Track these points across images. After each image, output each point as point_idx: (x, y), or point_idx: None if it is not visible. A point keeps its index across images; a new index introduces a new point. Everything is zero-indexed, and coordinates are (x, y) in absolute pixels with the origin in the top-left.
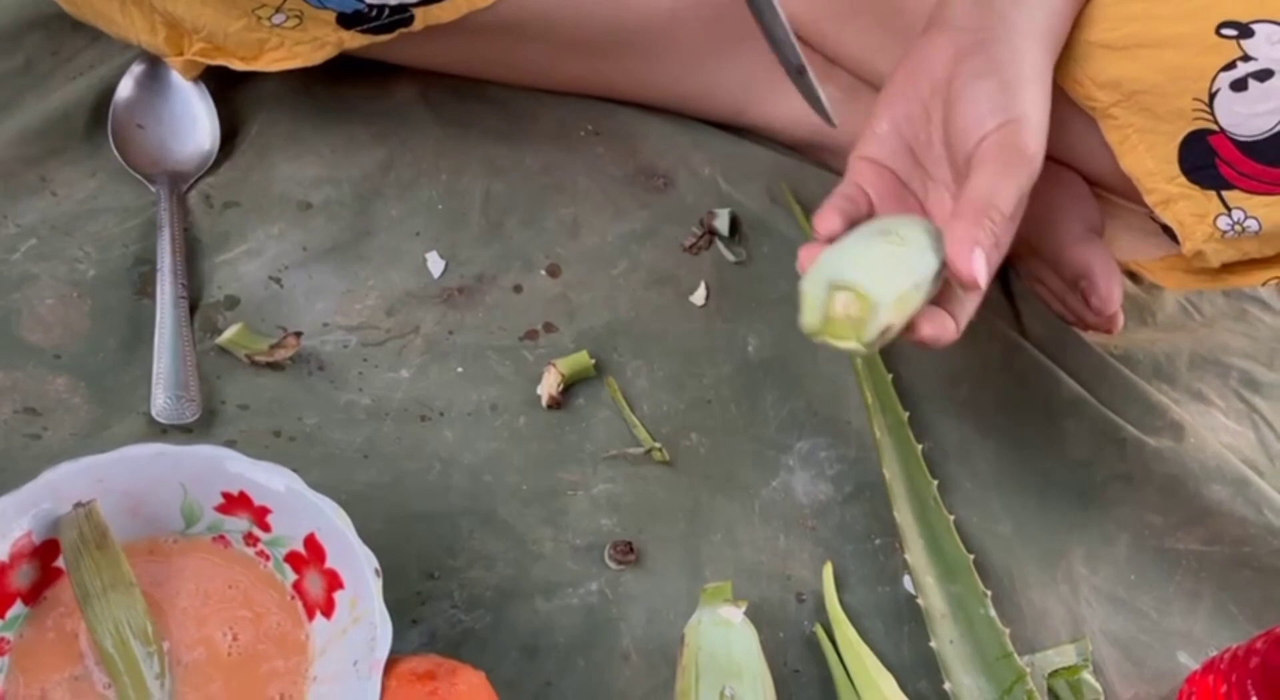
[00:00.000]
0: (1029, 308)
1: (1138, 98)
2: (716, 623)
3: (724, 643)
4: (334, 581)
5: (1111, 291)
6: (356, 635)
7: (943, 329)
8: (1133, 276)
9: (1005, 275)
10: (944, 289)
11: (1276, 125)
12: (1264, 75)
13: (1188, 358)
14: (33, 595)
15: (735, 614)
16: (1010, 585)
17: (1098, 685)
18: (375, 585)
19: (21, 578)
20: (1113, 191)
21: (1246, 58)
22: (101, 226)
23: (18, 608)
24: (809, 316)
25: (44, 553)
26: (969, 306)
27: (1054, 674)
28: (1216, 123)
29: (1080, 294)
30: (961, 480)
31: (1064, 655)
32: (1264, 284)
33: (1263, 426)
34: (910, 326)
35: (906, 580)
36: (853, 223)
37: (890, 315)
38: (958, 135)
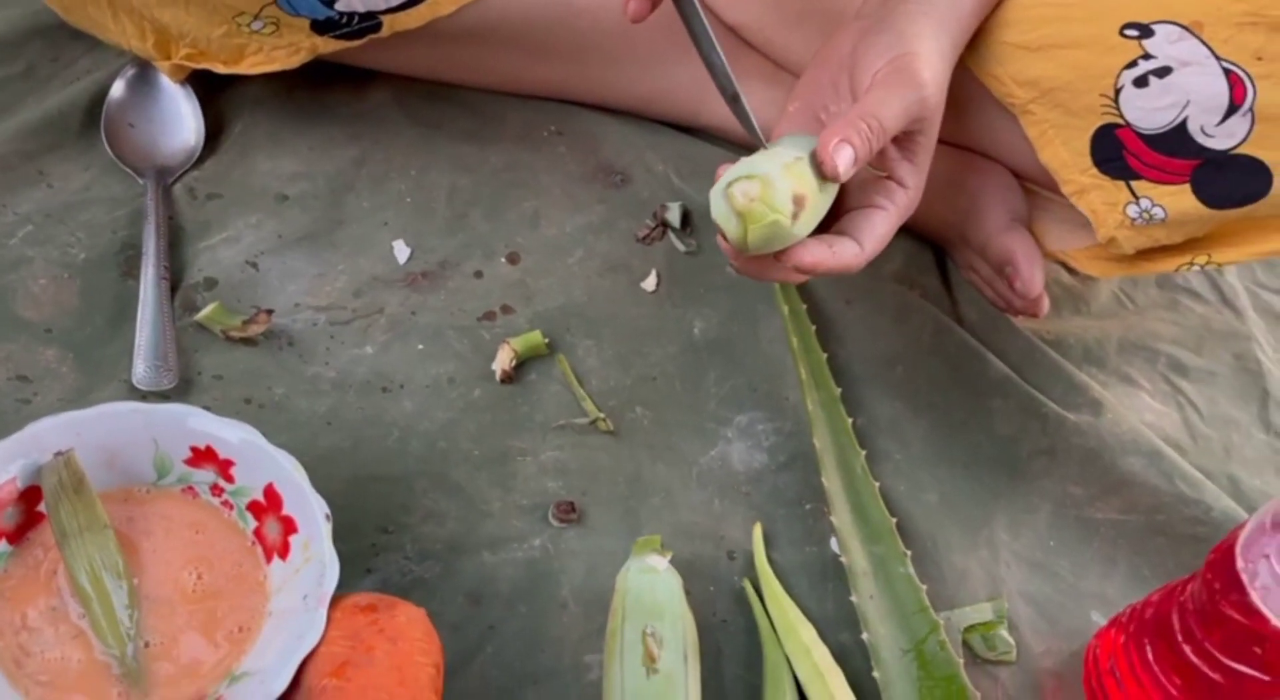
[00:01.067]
0: (965, 296)
1: (1052, 95)
2: (643, 570)
3: (649, 588)
4: (289, 526)
5: (1033, 276)
6: (308, 573)
7: (849, 251)
8: (1070, 269)
9: (944, 265)
10: (853, 217)
11: (1175, 119)
12: (1163, 72)
13: (1117, 343)
14: (17, 535)
15: (660, 563)
16: (933, 548)
17: (1011, 640)
18: (325, 529)
19: (7, 519)
20: (1038, 184)
21: (1147, 56)
22: (92, 215)
23: (3, 546)
24: (728, 228)
25: (28, 498)
26: (877, 234)
27: (969, 629)
28: (1122, 117)
29: (1006, 279)
30: (892, 453)
31: (980, 612)
32: (1177, 269)
33: (1188, 408)
34: (829, 244)
35: (833, 542)
36: None
37: (789, 184)
38: (859, 79)
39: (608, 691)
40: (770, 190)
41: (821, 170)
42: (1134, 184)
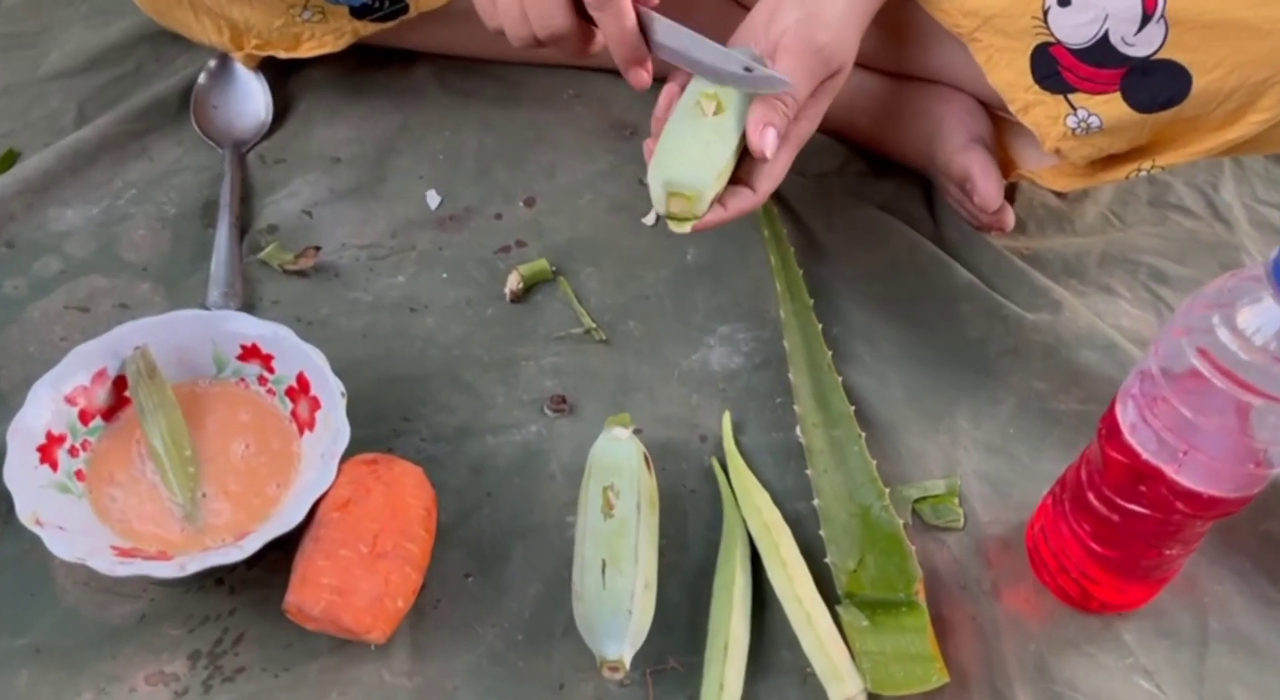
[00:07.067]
0: (946, 218)
1: (992, 21)
2: (610, 440)
3: (611, 452)
4: (315, 404)
5: (989, 190)
6: (326, 437)
7: (746, 200)
8: (1059, 195)
9: (931, 193)
10: (748, 164)
11: (1098, 32)
12: None
13: (1098, 257)
14: (109, 414)
15: (623, 433)
16: (893, 434)
17: (960, 511)
18: (340, 403)
19: (100, 400)
20: (1000, 108)
21: None
22: (183, 180)
23: (98, 421)
24: (658, 208)
25: (118, 385)
26: (773, 175)
27: (920, 500)
28: (1053, 35)
29: (967, 195)
30: (863, 355)
31: (933, 487)
32: (1128, 176)
33: (1165, 312)
34: (722, 203)
35: (797, 429)
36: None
37: (714, 191)
38: (772, 33)
39: (578, 535)
40: (698, 203)
41: (753, 152)
42: (1071, 97)
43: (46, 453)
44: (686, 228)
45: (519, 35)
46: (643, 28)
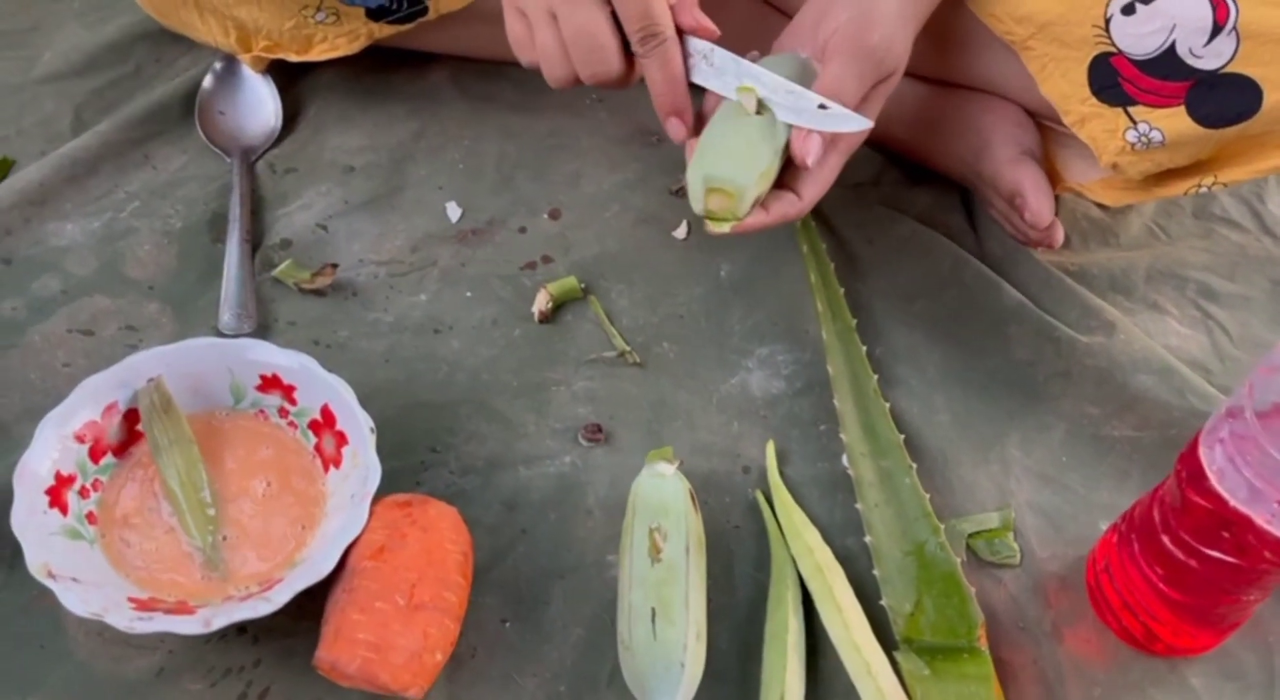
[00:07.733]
0: (988, 232)
1: (1048, 29)
2: (653, 476)
3: (657, 490)
4: (341, 440)
5: (1040, 206)
6: (355, 477)
7: (791, 206)
8: (1098, 204)
9: (970, 204)
10: (793, 169)
11: (1164, 42)
12: None
13: (1145, 271)
14: (121, 450)
15: (668, 469)
16: (943, 463)
17: (1015, 546)
18: (370, 440)
19: (112, 436)
20: (1048, 118)
21: None
22: (188, 191)
23: (109, 458)
24: (695, 206)
25: (129, 419)
26: (820, 181)
27: (975, 535)
28: (1115, 45)
29: (1017, 211)
30: (908, 378)
31: (986, 520)
32: (1186, 193)
33: (1216, 331)
34: (764, 207)
35: (843, 458)
36: None
37: (756, 191)
38: (821, 34)
39: (621, 580)
40: (739, 203)
41: (795, 158)
42: (1131, 110)
43: (56, 496)
44: (726, 228)
45: (557, 76)
46: (690, 61)
